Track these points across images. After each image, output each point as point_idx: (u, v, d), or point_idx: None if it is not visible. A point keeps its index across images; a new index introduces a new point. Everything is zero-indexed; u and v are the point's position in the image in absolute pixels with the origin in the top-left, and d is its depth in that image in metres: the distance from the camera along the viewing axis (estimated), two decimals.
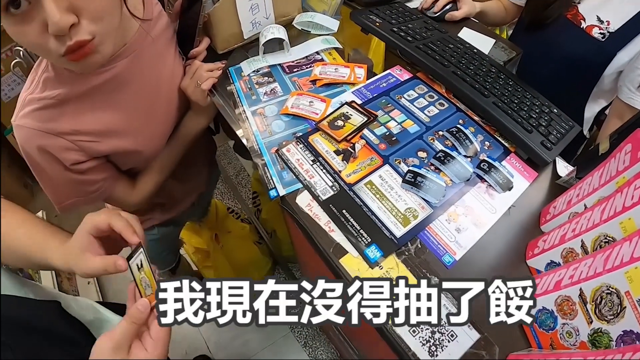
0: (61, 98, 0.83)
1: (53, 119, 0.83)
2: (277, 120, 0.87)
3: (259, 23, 1.04)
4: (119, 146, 0.91)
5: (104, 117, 0.88)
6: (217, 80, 0.96)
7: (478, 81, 0.90)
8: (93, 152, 0.89)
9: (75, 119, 0.85)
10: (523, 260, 0.73)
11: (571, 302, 0.57)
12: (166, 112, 0.98)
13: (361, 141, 0.81)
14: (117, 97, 0.89)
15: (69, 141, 0.84)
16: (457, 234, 0.73)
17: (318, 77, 0.93)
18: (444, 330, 0.63)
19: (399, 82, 0.94)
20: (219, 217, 1.80)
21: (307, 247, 0.77)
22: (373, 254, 0.68)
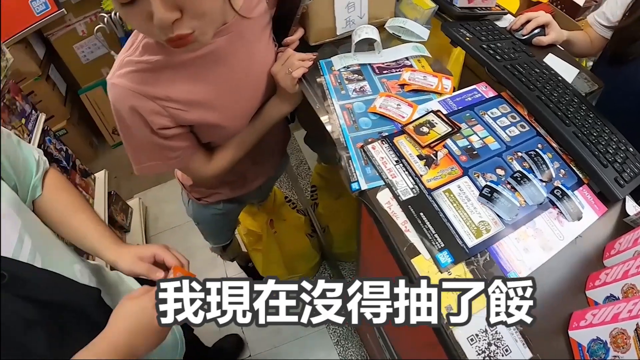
0: (158, 64, 0.87)
1: (148, 82, 0.87)
2: (364, 117, 0.90)
3: (353, 22, 1.08)
4: (205, 118, 0.95)
5: (196, 89, 0.92)
6: (307, 70, 1.00)
7: (560, 109, 0.92)
8: (180, 120, 0.93)
9: (168, 86, 0.89)
10: (582, 290, 0.74)
11: (626, 336, 0.58)
12: (253, 93, 1.03)
13: (444, 150, 0.84)
14: (211, 71, 0.93)
15: (159, 106, 0.89)
16: (525, 253, 0.75)
17: (407, 82, 0.96)
18: (499, 344, 0.66)
19: (483, 99, 0.96)
20: (276, 204, 1.83)
21: (377, 244, 0.81)
22: (444, 259, 0.72)
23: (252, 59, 0.99)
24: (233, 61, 0.95)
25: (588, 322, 0.67)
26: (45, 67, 2.59)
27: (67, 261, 0.83)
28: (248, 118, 1.05)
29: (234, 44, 0.93)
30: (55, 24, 2.39)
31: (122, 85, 0.87)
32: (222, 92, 0.96)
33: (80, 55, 2.54)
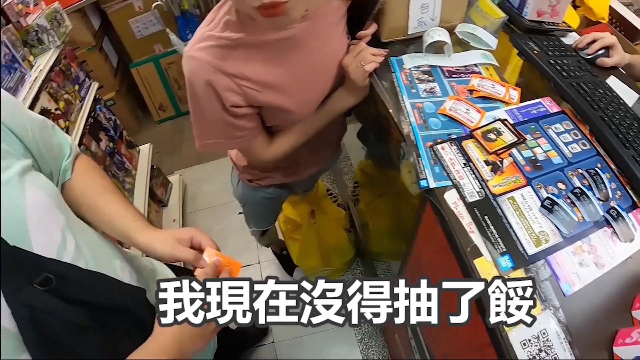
0: (239, 42, 0.89)
1: (227, 58, 0.90)
2: (433, 117, 0.93)
3: (425, 23, 1.10)
4: (276, 101, 0.98)
5: (271, 71, 0.95)
6: (378, 65, 1.03)
7: (621, 131, 0.94)
8: (252, 100, 0.96)
9: (246, 65, 0.92)
10: (629, 310, 0.77)
11: None
12: (323, 82, 1.06)
13: (509, 158, 0.87)
14: (287, 56, 0.96)
15: (235, 84, 0.91)
16: (579, 267, 0.78)
17: (475, 88, 0.99)
18: (549, 352, 0.68)
19: (547, 113, 0.99)
20: (318, 195, 1.86)
21: (436, 243, 0.84)
22: (505, 263, 0.75)
23: (326, 48, 1.01)
24: (309, 49, 0.97)
25: (633, 339, 0.70)
26: (99, 39, 2.67)
27: (109, 258, 0.81)
28: (315, 106, 1.08)
29: (312, 32, 0.96)
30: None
31: (200, 58, 0.89)
32: (295, 77, 0.98)
33: (134, 30, 2.60)
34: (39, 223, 0.63)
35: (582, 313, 0.75)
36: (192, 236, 0.83)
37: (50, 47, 1.78)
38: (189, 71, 0.91)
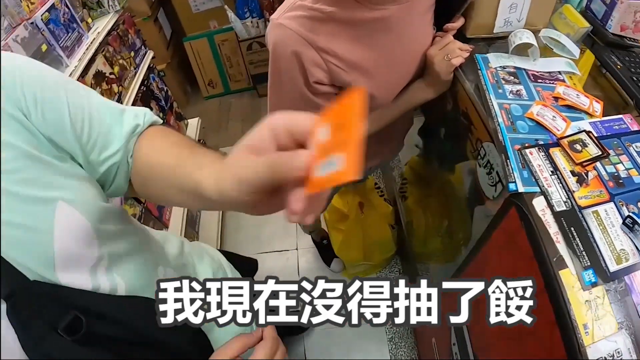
0: (332, 16, 0.87)
1: (317, 31, 0.87)
2: (521, 121, 0.93)
3: (510, 23, 1.09)
4: (360, 83, 0.96)
5: (359, 51, 0.93)
6: (464, 61, 1.02)
7: None
8: (336, 79, 0.94)
9: (336, 41, 0.89)
10: None
11: None
12: (407, 70, 1.05)
13: (594, 171, 0.87)
14: (377, 38, 0.94)
15: (322, 59, 0.89)
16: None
17: (561, 96, 0.98)
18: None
19: (628, 130, 0.98)
20: (366, 188, 1.86)
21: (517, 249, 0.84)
22: (589, 278, 0.75)
23: (415, 36, 1.00)
24: (398, 34, 0.96)
25: None
26: (155, 10, 2.68)
27: (150, 266, 0.71)
28: (394, 93, 1.07)
29: (403, 17, 0.94)
30: None
31: (290, 27, 0.86)
32: (382, 61, 0.97)
33: (191, 4, 2.58)
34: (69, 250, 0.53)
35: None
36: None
37: (109, 10, 1.77)
38: (276, 39, 0.88)
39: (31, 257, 0.49)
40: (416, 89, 1.08)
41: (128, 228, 0.69)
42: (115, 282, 0.60)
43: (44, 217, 0.50)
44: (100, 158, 0.62)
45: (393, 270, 2.17)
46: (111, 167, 0.64)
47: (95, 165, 0.62)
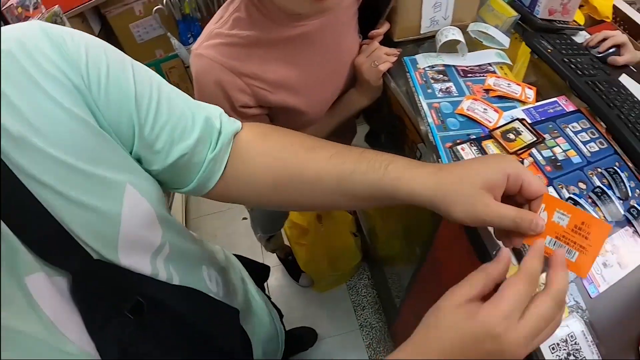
0: (249, 40, 0.86)
1: (237, 57, 0.87)
2: (451, 118, 0.92)
3: (437, 22, 1.10)
4: (287, 102, 0.96)
5: (283, 70, 0.93)
6: (392, 65, 1.02)
7: (638, 129, 0.94)
8: (262, 101, 0.93)
9: (256, 64, 0.89)
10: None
11: None
12: (336, 82, 1.04)
13: (529, 159, 0.86)
14: (301, 54, 0.94)
15: (245, 83, 0.88)
16: (604, 268, 0.77)
17: (492, 88, 0.98)
18: (578, 355, 0.67)
19: (564, 112, 0.98)
20: None
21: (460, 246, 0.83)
22: None
23: (340, 47, 1.00)
24: (322, 47, 0.96)
25: None
26: None
27: (197, 263, 0.69)
28: (327, 107, 1.06)
29: (325, 29, 0.94)
30: (113, 2, 2.41)
31: (210, 56, 0.86)
32: (307, 76, 0.96)
33: (135, 35, 2.56)
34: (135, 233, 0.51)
35: (608, 314, 0.74)
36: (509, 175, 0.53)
37: None
38: (197, 69, 0.88)
39: (96, 236, 0.46)
40: (350, 98, 1.08)
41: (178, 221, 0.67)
42: (170, 272, 0.58)
43: (113, 198, 0.48)
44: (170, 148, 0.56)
45: (362, 277, 2.16)
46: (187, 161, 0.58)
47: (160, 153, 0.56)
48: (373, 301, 2.07)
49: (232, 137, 0.63)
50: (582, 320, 0.71)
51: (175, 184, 0.60)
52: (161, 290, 0.54)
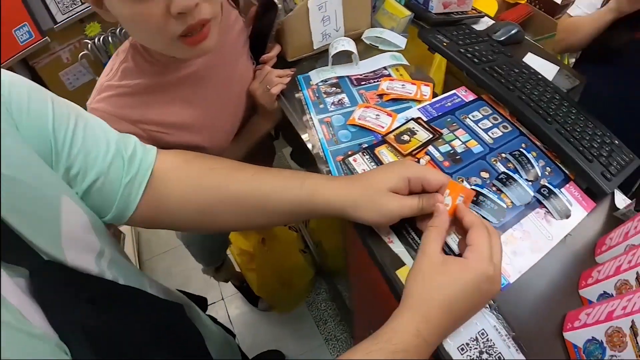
0: (138, 88, 0.86)
1: (128, 106, 0.86)
2: (343, 130, 0.90)
3: (329, 35, 1.08)
4: (187, 140, 0.95)
5: (177, 111, 0.92)
6: (285, 87, 1.00)
7: (542, 107, 0.91)
8: (161, 143, 0.91)
9: (149, 109, 0.88)
10: (575, 290, 0.72)
11: (622, 334, 0.56)
12: (234, 113, 1.03)
13: (426, 157, 0.83)
14: (192, 92, 0.93)
15: (140, 129, 0.88)
16: (513, 257, 0.74)
17: (385, 92, 0.96)
18: (492, 352, 0.63)
19: (463, 103, 0.96)
20: None
21: (363, 257, 0.80)
22: None
23: (232, 78, 0.99)
24: (214, 81, 0.95)
25: (582, 322, 0.66)
26: None
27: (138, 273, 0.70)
28: (230, 137, 1.05)
29: (215, 63, 0.94)
30: (40, 52, 2.39)
31: (101, 109, 0.85)
32: (203, 113, 0.95)
33: (66, 83, 2.54)
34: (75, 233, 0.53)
35: (525, 303, 0.70)
36: (411, 177, 0.64)
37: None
38: None
39: (42, 237, 0.48)
40: (252, 125, 1.07)
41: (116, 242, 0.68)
42: (115, 275, 0.58)
43: (52, 205, 0.50)
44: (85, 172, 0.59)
45: (320, 292, 2.14)
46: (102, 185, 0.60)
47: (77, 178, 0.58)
48: (334, 314, 2.09)
49: (148, 163, 0.65)
50: (492, 315, 0.67)
51: (99, 211, 0.61)
52: (111, 287, 0.56)
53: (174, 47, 0.78)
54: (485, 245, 0.57)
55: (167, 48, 0.80)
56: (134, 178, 0.62)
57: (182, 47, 0.77)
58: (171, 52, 0.81)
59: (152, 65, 0.87)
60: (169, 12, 0.69)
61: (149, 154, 0.66)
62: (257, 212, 0.68)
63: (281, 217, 0.69)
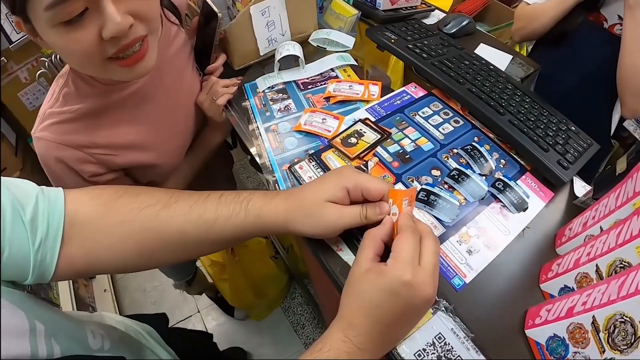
0: (81, 112, 0.84)
1: (72, 132, 0.84)
2: (289, 137, 0.87)
3: (275, 40, 1.05)
4: (137, 160, 0.92)
5: (123, 131, 0.90)
6: (232, 96, 0.97)
7: (494, 98, 0.89)
8: (111, 165, 0.90)
9: (94, 133, 0.86)
10: (536, 285, 0.70)
11: (583, 330, 0.54)
12: (184, 127, 1.00)
13: (374, 159, 0.81)
14: (137, 111, 0.90)
15: (86, 154, 0.86)
16: (469, 255, 0.71)
17: (332, 94, 0.93)
18: (450, 356, 0.61)
19: (413, 100, 0.93)
20: None
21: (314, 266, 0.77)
22: None
23: (178, 92, 0.96)
24: (159, 98, 0.92)
25: (543, 318, 0.63)
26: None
27: (79, 326, 0.66)
28: (183, 152, 1.02)
29: (158, 80, 0.91)
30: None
31: (45, 137, 0.84)
32: (151, 130, 0.93)
33: (25, 103, 2.49)
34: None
35: (484, 303, 0.68)
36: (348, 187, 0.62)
37: None
38: (39, 153, 0.86)
39: None
40: (204, 137, 1.05)
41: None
42: (51, 345, 0.54)
43: None
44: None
45: (295, 296, 2.17)
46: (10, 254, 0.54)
47: None
48: (311, 317, 2.09)
49: (57, 220, 0.58)
50: (449, 317, 0.64)
51: (19, 277, 0.56)
52: None
53: (109, 71, 0.75)
54: (405, 251, 0.55)
55: (102, 72, 0.76)
56: (44, 241, 0.56)
57: (117, 69, 0.74)
58: (108, 76, 0.78)
59: (92, 87, 0.84)
60: (101, 36, 0.66)
61: (55, 207, 0.58)
62: (201, 243, 0.64)
63: (225, 244, 0.67)
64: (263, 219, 0.62)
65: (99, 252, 0.61)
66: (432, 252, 0.56)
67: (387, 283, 0.53)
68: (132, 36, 0.70)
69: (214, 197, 0.64)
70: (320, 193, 0.61)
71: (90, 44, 0.67)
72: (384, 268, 0.54)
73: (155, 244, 0.62)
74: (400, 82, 1.10)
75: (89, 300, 2.07)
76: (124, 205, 0.62)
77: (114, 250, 0.61)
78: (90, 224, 0.60)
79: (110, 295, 2.19)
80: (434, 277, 0.55)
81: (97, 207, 0.61)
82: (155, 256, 0.64)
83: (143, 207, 0.62)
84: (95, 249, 0.60)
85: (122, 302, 2.28)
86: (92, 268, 0.62)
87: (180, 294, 2.09)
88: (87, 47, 0.68)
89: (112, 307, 2.14)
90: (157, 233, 0.62)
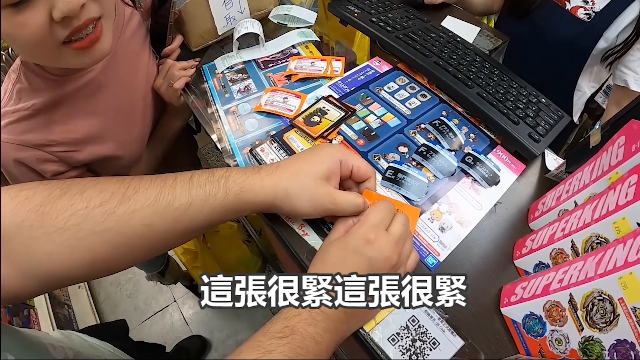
0: (36, 108, 0.80)
1: (29, 130, 0.80)
2: (250, 118, 0.82)
3: (234, 18, 1.00)
4: (99, 153, 0.88)
5: (82, 124, 0.85)
6: (190, 79, 0.92)
7: (461, 71, 0.86)
8: (73, 162, 0.86)
9: (51, 129, 0.82)
10: (511, 261, 0.68)
11: (560, 308, 0.52)
12: (143, 114, 0.95)
13: (338, 137, 0.77)
14: (94, 102, 0.86)
15: (46, 152, 0.82)
16: (441, 233, 0.69)
17: (293, 72, 0.89)
18: (425, 338, 0.59)
19: (378, 74, 0.90)
20: None
21: (281, 251, 0.73)
22: None
23: (136, 78, 0.91)
24: (116, 85, 0.87)
25: (519, 297, 0.61)
26: None
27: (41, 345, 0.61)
28: (144, 140, 0.98)
29: (113, 67, 0.86)
30: None
31: (2, 140, 0.79)
32: (110, 120, 0.88)
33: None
34: None
35: None
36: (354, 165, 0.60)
37: None
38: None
39: None
40: (164, 123, 1.01)
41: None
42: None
43: None
44: None
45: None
46: None
47: None
48: None
49: None
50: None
51: None
52: None
53: (63, 57, 0.70)
54: (373, 215, 0.55)
55: (55, 59, 0.71)
56: None
57: (72, 53, 0.69)
58: (62, 63, 0.72)
59: (46, 80, 0.79)
60: (51, 18, 0.62)
61: None
62: (172, 234, 0.54)
63: (196, 232, 0.57)
64: (246, 195, 0.55)
65: (40, 268, 0.48)
66: (401, 224, 0.56)
67: (351, 241, 0.53)
68: (85, 17, 0.66)
69: (183, 179, 0.54)
70: (316, 166, 0.57)
71: (40, 26, 0.62)
72: (351, 230, 0.55)
73: (112, 249, 0.51)
74: (366, 58, 1.06)
75: (63, 298, 2.03)
76: (65, 208, 0.49)
77: (62, 264, 0.49)
78: (21, 236, 0.47)
79: (85, 291, 2.15)
80: (397, 245, 0.54)
81: (28, 214, 0.48)
82: (114, 263, 0.53)
83: (92, 207, 0.49)
84: (33, 267, 0.48)
85: (97, 297, 2.24)
86: (37, 289, 0.50)
87: (155, 284, 2.04)
88: (37, 30, 0.63)
89: (88, 302, 2.11)
90: (114, 235, 0.50)
